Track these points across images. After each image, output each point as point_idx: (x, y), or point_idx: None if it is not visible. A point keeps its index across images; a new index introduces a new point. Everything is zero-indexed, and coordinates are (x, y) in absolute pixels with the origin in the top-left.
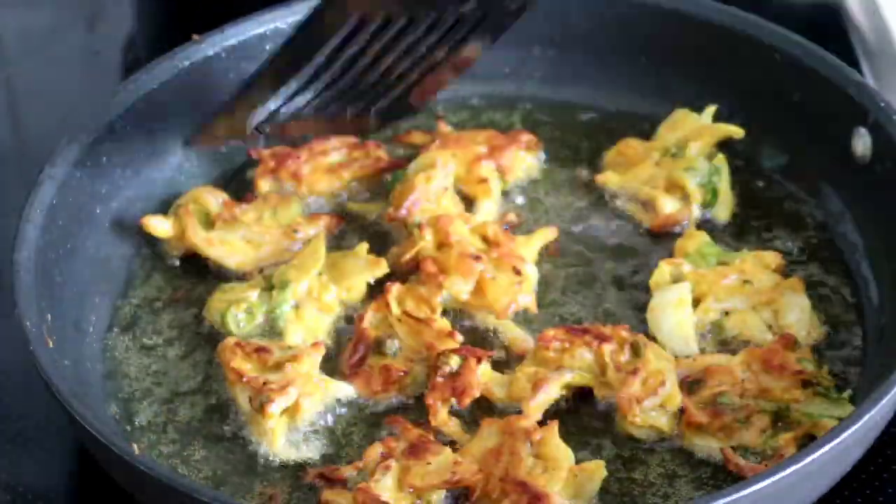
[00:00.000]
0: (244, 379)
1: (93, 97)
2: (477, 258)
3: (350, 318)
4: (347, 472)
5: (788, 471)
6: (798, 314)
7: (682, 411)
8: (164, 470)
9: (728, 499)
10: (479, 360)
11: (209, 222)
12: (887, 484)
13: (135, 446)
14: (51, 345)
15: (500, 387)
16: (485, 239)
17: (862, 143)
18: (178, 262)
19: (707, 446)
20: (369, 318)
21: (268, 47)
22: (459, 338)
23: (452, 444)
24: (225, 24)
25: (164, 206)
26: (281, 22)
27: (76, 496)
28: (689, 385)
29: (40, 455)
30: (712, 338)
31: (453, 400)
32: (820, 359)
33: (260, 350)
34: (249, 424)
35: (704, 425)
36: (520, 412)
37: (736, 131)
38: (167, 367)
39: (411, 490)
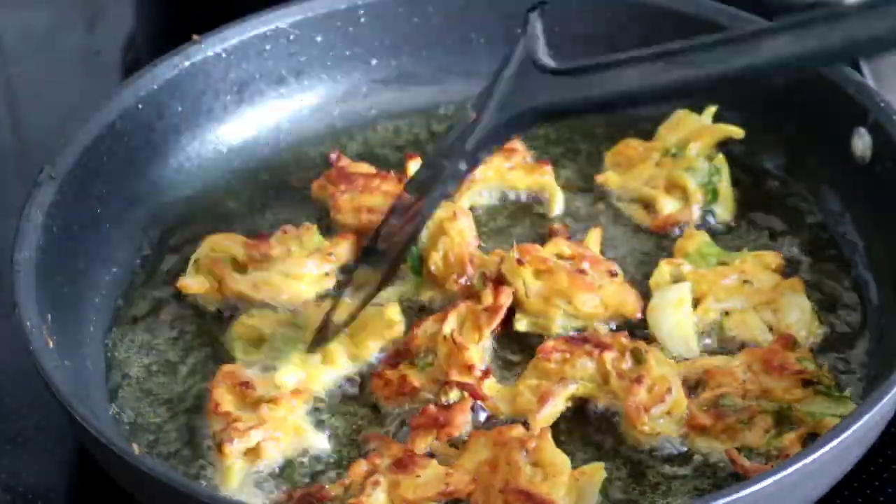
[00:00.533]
0: (218, 410)
1: (93, 97)
2: (583, 271)
3: (353, 379)
4: (334, 490)
5: (789, 470)
6: (798, 314)
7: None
8: (164, 470)
9: (729, 499)
10: (477, 399)
11: (238, 268)
12: (887, 484)
13: (135, 446)
14: (51, 345)
15: (504, 402)
16: (559, 255)
17: (862, 143)
18: (178, 263)
19: (711, 448)
20: (425, 327)
21: (268, 47)
22: (477, 373)
23: (441, 460)
24: (225, 24)
25: (164, 207)
26: (281, 22)
27: (76, 496)
28: (690, 388)
29: (40, 455)
30: (713, 338)
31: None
32: (820, 358)
33: (244, 384)
34: (213, 455)
35: (708, 427)
36: (512, 422)
37: (736, 131)
38: (168, 367)
39: None
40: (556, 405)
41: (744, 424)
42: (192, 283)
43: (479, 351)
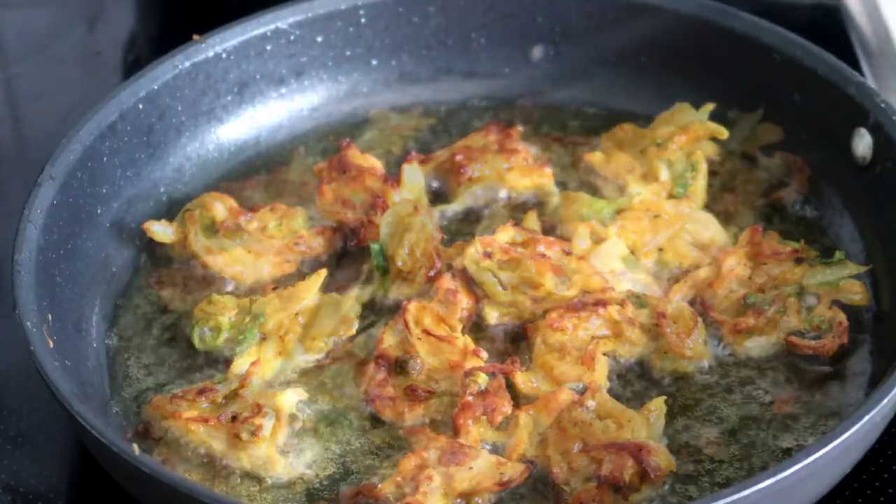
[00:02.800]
0: (210, 423)
1: (93, 97)
2: (544, 255)
3: (310, 371)
4: (387, 488)
5: (789, 471)
6: (711, 228)
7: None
8: (164, 470)
9: (729, 499)
10: (509, 375)
11: (214, 229)
12: (888, 484)
13: (135, 446)
14: (51, 345)
15: (540, 380)
16: (511, 242)
17: (862, 143)
18: (179, 263)
19: (760, 346)
20: (389, 339)
21: (268, 47)
22: (484, 355)
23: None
24: (225, 24)
25: (164, 207)
26: (281, 22)
27: (76, 496)
28: (703, 304)
29: (40, 455)
30: (662, 274)
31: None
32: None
33: (204, 391)
34: (236, 461)
35: (752, 327)
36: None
37: (720, 131)
38: (167, 367)
39: (459, 499)
40: (602, 360)
41: (780, 312)
42: (158, 229)
43: (467, 339)
